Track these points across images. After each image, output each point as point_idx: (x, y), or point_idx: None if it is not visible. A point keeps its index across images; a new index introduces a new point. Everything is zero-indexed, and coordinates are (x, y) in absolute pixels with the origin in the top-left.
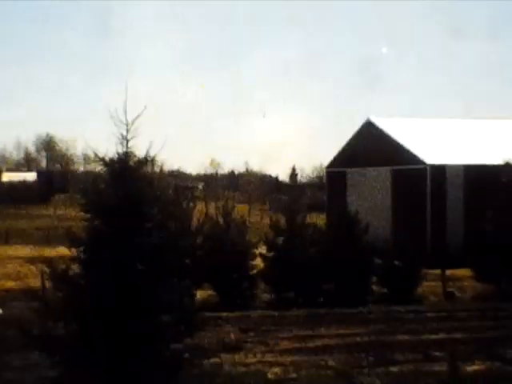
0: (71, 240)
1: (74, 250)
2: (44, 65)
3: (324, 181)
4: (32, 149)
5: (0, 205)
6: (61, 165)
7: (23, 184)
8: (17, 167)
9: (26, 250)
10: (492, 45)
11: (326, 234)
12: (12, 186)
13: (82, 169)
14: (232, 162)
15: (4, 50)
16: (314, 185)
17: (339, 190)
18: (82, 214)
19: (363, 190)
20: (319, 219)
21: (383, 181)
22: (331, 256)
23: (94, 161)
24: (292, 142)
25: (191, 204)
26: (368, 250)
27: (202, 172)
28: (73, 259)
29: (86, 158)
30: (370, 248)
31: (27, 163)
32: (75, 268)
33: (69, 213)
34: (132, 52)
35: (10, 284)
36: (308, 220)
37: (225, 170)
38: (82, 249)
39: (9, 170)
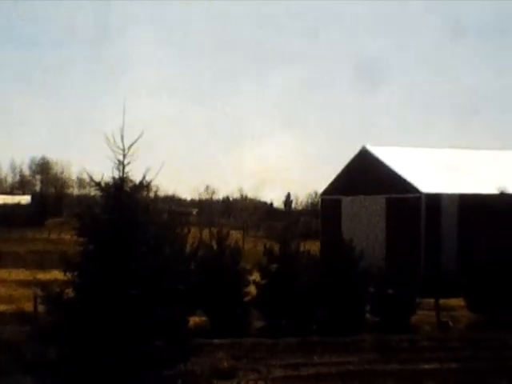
0: (65, 264)
1: (68, 274)
2: (41, 87)
3: (319, 208)
4: (27, 171)
5: None
6: (55, 188)
7: (17, 207)
8: (11, 190)
9: (19, 274)
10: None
11: (320, 261)
12: (6, 208)
13: (76, 192)
14: (227, 188)
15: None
16: (309, 212)
17: (334, 218)
18: (77, 238)
19: (358, 218)
20: (313, 246)
21: (378, 209)
22: (325, 283)
23: (90, 185)
24: (287, 168)
25: (185, 229)
26: (362, 278)
27: (197, 197)
28: (67, 283)
29: (81, 182)
30: (364, 276)
31: (22, 186)
32: (69, 292)
33: (63, 237)
34: (129, 77)
35: (3, 307)
36: (302, 247)
37: (219, 195)
38: (76, 273)
39: (3, 192)
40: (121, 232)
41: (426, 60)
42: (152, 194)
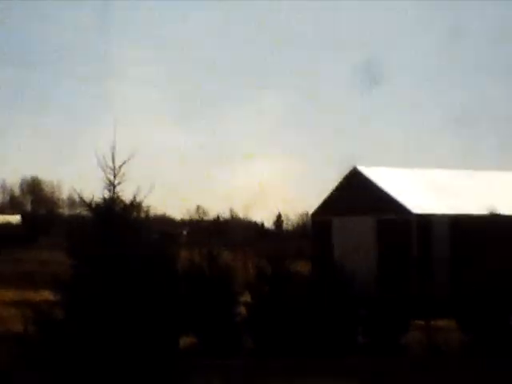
0: (55, 284)
1: (57, 294)
2: (30, 106)
3: (309, 228)
4: (17, 191)
5: None
6: (46, 208)
7: (7, 227)
8: (1, 210)
9: (8, 294)
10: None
11: (311, 282)
12: None
13: (67, 212)
14: (217, 209)
15: None
16: (300, 232)
17: (324, 238)
18: (67, 258)
19: (348, 239)
20: (304, 267)
21: (369, 230)
22: (316, 305)
23: (80, 205)
24: (277, 188)
25: (176, 250)
26: (353, 299)
27: (188, 218)
28: (57, 303)
29: (72, 202)
30: (355, 297)
31: (12, 206)
32: (58, 312)
33: (53, 257)
34: (121, 96)
35: None
36: (293, 268)
37: (210, 216)
38: (65, 293)
39: None
40: (111, 252)
41: (418, 78)
42: (143, 215)
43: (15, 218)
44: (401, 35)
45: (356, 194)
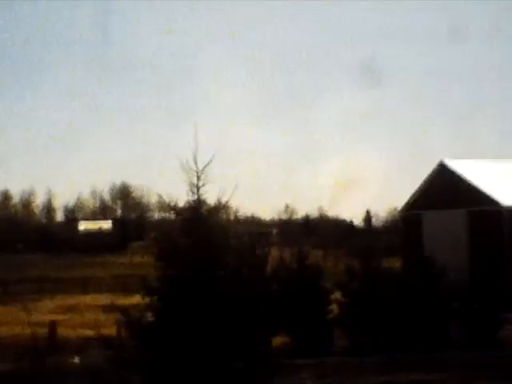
0: (145, 288)
1: (148, 298)
2: (116, 112)
3: (399, 224)
4: (107, 197)
5: (77, 253)
6: (136, 213)
7: (99, 232)
8: (93, 216)
9: (102, 299)
10: None
11: (403, 278)
12: (88, 234)
13: (157, 216)
14: (306, 207)
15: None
16: (389, 228)
17: (415, 233)
18: (155, 262)
19: (439, 233)
20: (396, 263)
21: (459, 223)
22: (408, 300)
23: (168, 209)
24: (365, 184)
25: (266, 250)
26: (445, 294)
27: (277, 217)
28: (147, 308)
29: (161, 206)
30: (448, 292)
31: (103, 212)
32: (150, 316)
33: (145, 261)
34: (203, 97)
35: (88, 333)
36: (384, 264)
37: (299, 215)
38: (155, 297)
39: (85, 218)
40: (199, 255)
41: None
42: (231, 216)
43: (106, 224)
44: None
45: (445, 187)
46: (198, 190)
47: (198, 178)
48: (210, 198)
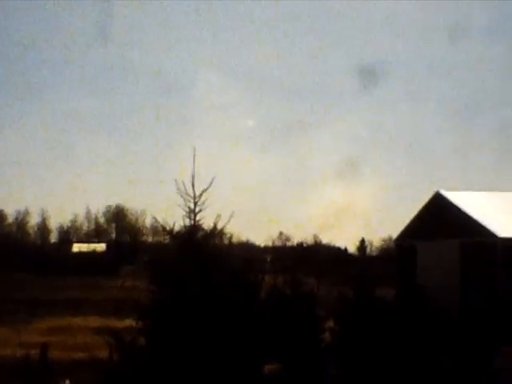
0: (138, 312)
1: (140, 321)
2: (111, 136)
3: (393, 253)
4: (102, 220)
5: (70, 276)
6: (130, 236)
7: (93, 255)
8: (87, 237)
9: (94, 321)
10: None
11: (396, 308)
12: (82, 256)
13: (151, 240)
14: (300, 234)
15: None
16: (383, 257)
17: (409, 263)
18: (149, 285)
19: (433, 263)
20: (388, 292)
21: (453, 253)
22: (400, 332)
23: (163, 233)
24: (359, 213)
25: (259, 276)
26: (439, 326)
27: (270, 244)
28: (140, 331)
29: (155, 230)
30: (440, 325)
31: (97, 234)
32: (142, 340)
33: (137, 284)
34: (199, 123)
35: (79, 355)
36: (377, 293)
37: (293, 241)
38: (148, 321)
39: (79, 241)
40: (193, 279)
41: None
42: (226, 241)
43: (100, 246)
44: None
45: (440, 218)
46: (194, 215)
47: (195, 203)
48: (206, 222)
